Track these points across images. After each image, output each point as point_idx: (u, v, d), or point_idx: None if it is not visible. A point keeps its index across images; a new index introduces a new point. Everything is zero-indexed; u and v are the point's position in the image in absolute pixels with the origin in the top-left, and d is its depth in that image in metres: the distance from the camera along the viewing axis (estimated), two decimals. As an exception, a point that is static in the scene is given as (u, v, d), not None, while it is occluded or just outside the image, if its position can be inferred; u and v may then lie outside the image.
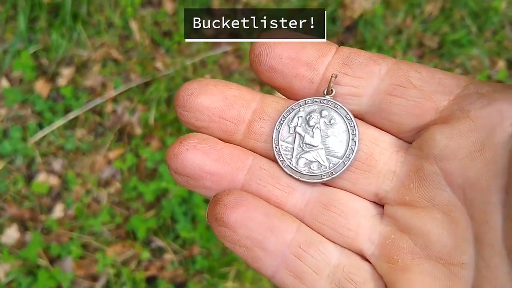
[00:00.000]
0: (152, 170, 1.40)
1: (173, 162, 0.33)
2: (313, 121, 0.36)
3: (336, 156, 0.35)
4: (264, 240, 0.31)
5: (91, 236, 1.34)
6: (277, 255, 0.31)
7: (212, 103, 0.34)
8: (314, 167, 0.35)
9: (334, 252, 0.32)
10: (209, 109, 0.34)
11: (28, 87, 1.46)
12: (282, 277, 0.31)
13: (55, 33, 1.48)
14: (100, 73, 1.48)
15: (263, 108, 0.36)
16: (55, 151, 1.42)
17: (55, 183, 1.39)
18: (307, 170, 0.35)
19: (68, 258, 1.29)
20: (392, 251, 0.31)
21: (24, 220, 1.34)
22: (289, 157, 0.36)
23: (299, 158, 0.36)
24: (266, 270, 0.31)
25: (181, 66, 1.49)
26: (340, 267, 0.32)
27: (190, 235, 1.30)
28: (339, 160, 0.35)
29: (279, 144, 0.36)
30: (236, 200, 0.31)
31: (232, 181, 0.33)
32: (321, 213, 0.33)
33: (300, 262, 0.31)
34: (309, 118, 0.36)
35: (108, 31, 1.51)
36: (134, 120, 1.45)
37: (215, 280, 1.31)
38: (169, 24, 1.54)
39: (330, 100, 0.36)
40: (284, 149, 0.36)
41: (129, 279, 1.29)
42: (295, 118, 0.36)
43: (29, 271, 1.27)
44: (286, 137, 0.36)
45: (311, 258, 0.31)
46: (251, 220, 0.31)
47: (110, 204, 1.37)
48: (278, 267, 0.31)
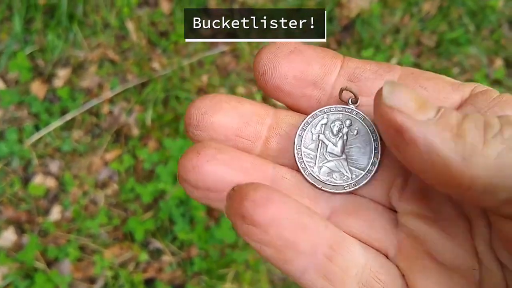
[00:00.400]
0: (150, 171, 1.39)
1: (191, 175, 0.30)
2: (337, 129, 0.35)
3: (359, 167, 0.35)
4: (296, 240, 0.29)
5: (88, 238, 1.33)
6: (308, 256, 0.29)
7: (227, 122, 0.33)
8: (336, 177, 0.35)
9: (361, 252, 0.32)
10: (225, 128, 0.33)
11: (24, 88, 1.45)
12: (311, 278, 0.30)
13: (51, 34, 1.47)
14: (96, 73, 1.48)
15: (278, 123, 0.35)
16: (51, 153, 1.41)
17: (52, 185, 1.38)
18: (329, 180, 0.35)
19: (66, 260, 1.29)
20: (410, 253, 0.32)
21: (21, 222, 1.34)
22: (312, 165, 0.35)
23: (322, 167, 0.35)
24: (295, 272, 0.30)
25: (178, 66, 1.48)
26: (368, 266, 0.31)
27: (188, 236, 1.30)
28: (362, 172, 0.35)
29: (302, 151, 0.35)
30: (266, 196, 0.29)
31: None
32: (347, 220, 0.33)
33: (330, 262, 0.30)
34: (333, 126, 0.36)
35: (104, 31, 1.50)
36: (131, 121, 1.45)
37: (214, 281, 1.31)
38: (166, 24, 1.53)
39: (354, 110, 0.35)
40: (306, 156, 0.35)
41: (127, 281, 1.28)
42: (319, 125, 0.36)
43: (26, 274, 1.26)
44: (308, 144, 0.35)
45: (341, 258, 0.30)
46: (283, 219, 0.29)
47: (108, 205, 1.37)
48: (308, 268, 0.30)
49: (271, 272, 1.36)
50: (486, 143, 0.26)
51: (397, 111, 0.27)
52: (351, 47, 1.52)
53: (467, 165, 0.25)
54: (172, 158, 1.35)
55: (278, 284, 1.35)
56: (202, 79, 1.49)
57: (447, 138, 0.26)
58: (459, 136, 0.26)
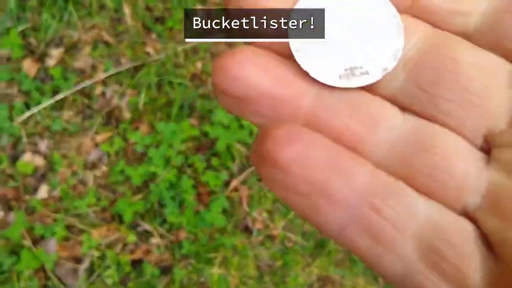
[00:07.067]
0: (140, 154, 1.39)
1: (222, 79, 0.25)
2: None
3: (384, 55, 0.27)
4: (329, 185, 0.23)
5: (76, 218, 1.32)
6: (345, 206, 0.24)
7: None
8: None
9: (422, 205, 0.24)
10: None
11: (15, 66, 1.43)
12: (352, 234, 0.24)
13: (46, 12, 1.46)
14: (90, 55, 1.47)
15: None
16: (41, 132, 1.39)
17: (40, 164, 1.37)
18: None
19: (52, 239, 1.28)
20: (504, 203, 0.24)
21: (8, 199, 1.32)
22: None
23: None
24: (332, 226, 0.24)
25: (173, 52, 1.48)
26: (431, 224, 0.24)
27: (178, 220, 1.30)
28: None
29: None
30: (290, 134, 0.24)
31: (295, 109, 0.26)
32: (415, 155, 0.25)
33: (376, 215, 0.24)
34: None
35: (99, 13, 1.50)
36: (123, 104, 1.44)
37: (201, 265, 1.31)
38: (162, 9, 1.53)
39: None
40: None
41: (114, 262, 1.28)
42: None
43: (12, 251, 1.25)
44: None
45: (392, 211, 0.24)
46: (310, 158, 0.23)
47: (96, 186, 1.36)
48: (347, 222, 0.24)
49: (258, 258, 1.37)
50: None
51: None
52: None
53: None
54: (164, 142, 1.35)
55: (265, 270, 1.37)
56: (196, 66, 1.49)
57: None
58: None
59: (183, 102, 1.44)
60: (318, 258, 1.41)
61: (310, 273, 1.41)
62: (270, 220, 1.42)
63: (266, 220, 1.41)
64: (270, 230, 1.40)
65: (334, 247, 1.42)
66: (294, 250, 1.40)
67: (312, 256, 1.42)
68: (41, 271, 1.27)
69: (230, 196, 1.39)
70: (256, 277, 1.36)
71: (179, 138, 1.35)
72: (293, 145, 0.24)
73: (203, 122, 1.44)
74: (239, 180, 1.41)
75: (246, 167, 1.42)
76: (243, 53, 0.25)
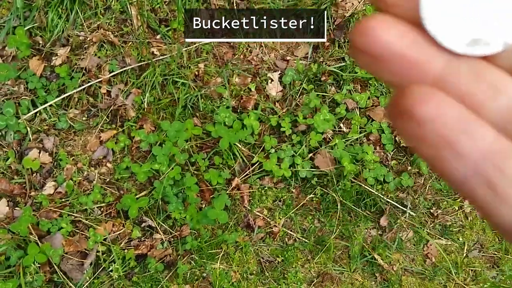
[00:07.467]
0: (145, 152, 1.42)
1: (364, 39, 0.27)
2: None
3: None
4: (456, 142, 0.26)
5: (81, 213, 1.35)
6: (470, 161, 0.27)
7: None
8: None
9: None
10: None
11: (21, 64, 1.46)
12: (473, 185, 0.27)
13: (52, 12, 1.49)
14: (95, 55, 1.50)
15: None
16: (47, 129, 1.42)
17: (46, 161, 1.40)
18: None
19: (58, 234, 1.30)
20: None
21: (14, 195, 1.34)
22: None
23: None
24: (455, 176, 0.27)
25: (177, 52, 1.51)
26: None
27: (181, 216, 1.33)
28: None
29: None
30: (426, 94, 0.27)
31: (425, 71, 0.28)
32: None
33: (497, 172, 0.26)
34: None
35: (105, 14, 1.53)
36: (128, 103, 1.47)
37: (204, 261, 1.35)
38: (166, 11, 1.56)
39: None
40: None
41: (119, 257, 1.31)
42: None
43: (18, 245, 1.27)
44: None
45: (511, 171, 0.26)
46: (442, 116, 0.27)
47: (101, 183, 1.39)
48: (471, 174, 0.27)
49: (259, 254, 1.41)
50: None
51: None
52: (344, 45, 1.58)
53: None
54: (168, 140, 1.38)
55: (266, 265, 1.40)
56: (199, 66, 1.53)
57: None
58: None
59: (186, 102, 1.48)
60: (318, 254, 1.45)
61: (309, 269, 1.45)
62: (271, 217, 1.46)
63: (267, 217, 1.45)
64: (271, 227, 1.44)
65: (333, 245, 1.46)
66: (294, 247, 1.44)
67: (312, 252, 1.46)
68: (47, 265, 1.29)
69: (232, 194, 1.42)
70: (257, 272, 1.40)
71: (183, 137, 1.39)
72: (429, 103, 0.27)
73: (206, 121, 1.48)
74: (241, 178, 1.45)
75: (247, 166, 1.46)
76: (385, 18, 0.28)
